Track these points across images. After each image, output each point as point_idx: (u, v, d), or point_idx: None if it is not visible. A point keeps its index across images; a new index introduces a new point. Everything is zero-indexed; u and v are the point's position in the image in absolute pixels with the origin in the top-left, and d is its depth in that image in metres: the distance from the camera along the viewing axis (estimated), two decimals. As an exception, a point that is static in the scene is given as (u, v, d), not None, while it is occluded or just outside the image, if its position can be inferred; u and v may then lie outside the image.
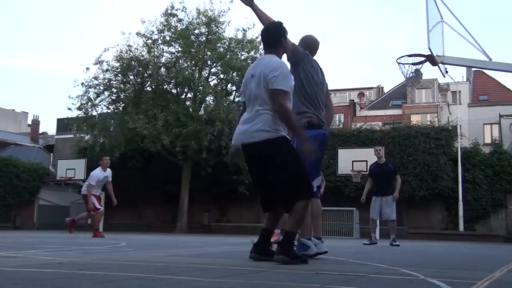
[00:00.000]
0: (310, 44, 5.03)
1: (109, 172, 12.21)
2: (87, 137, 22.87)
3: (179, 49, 21.12)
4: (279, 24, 4.16)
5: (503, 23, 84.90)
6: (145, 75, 21.24)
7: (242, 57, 21.32)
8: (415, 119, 34.28)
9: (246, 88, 4.08)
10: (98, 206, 12.00)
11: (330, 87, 5.63)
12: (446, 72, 8.73)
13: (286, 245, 3.84)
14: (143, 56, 21.26)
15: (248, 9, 4.54)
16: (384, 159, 10.54)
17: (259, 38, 21.34)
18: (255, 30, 21.54)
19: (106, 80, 21.26)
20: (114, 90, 21.64)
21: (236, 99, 22.05)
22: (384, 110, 39.70)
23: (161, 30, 21.14)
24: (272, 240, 8.62)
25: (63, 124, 32.74)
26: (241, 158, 4.12)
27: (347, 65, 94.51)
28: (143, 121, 18.84)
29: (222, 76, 21.93)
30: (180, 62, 21.28)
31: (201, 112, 20.78)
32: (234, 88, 22.09)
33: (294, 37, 4.59)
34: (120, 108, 21.63)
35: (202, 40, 21.05)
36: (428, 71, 59.21)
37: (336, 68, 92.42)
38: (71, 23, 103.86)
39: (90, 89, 21.19)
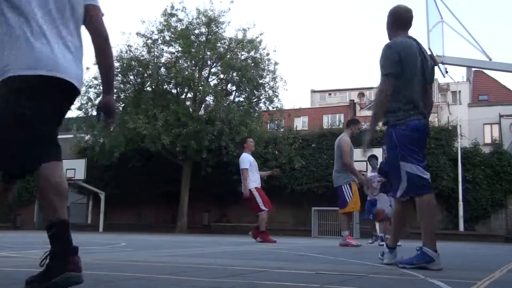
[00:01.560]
0: (404, 16, 4.25)
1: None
2: (87, 137, 22.88)
3: (179, 49, 21.11)
4: None
5: (503, 23, 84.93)
6: (145, 75, 21.24)
7: (242, 57, 21.33)
8: (415, 119, 34.22)
9: None
10: (263, 207, 9.43)
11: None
12: (446, 72, 8.75)
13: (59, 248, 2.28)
14: (143, 56, 21.26)
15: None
16: None
17: (259, 38, 21.43)
18: (255, 30, 21.52)
19: (106, 80, 21.24)
20: (114, 90, 21.62)
21: (236, 99, 22.04)
22: (384, 110, 39.65)
23: (161, 30, 21.14)
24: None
25: (63, 124, 32.74)
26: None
27: (347, 65, 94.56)
28: (143, 121, 18.84)
29: (222, 76, 21.93)
30: (180, 62, 21.28)
31: (201, 112, 20.77)
32: (234, 88, 22.10)
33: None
34: (120, 108, 21.62)
35: (202, 40, 21.04)
36: (428, 71, 59.14)
37: (336, 68, 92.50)
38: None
39: (90, 89, 21.20)
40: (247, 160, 9.51)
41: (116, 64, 21.11)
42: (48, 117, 2.44)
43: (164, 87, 21.55)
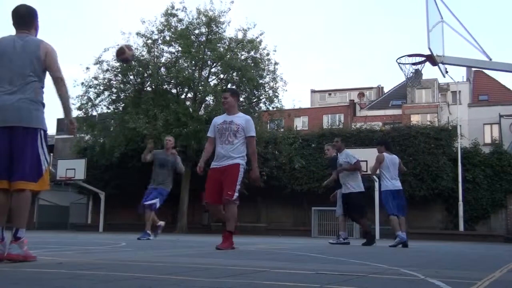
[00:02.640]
0: None
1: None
2: (87, 137, 22.87)
3: (179, 49, 21.11)
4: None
5: (503, 23, 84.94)
6: (145, 75, 21.23)
7: (242, 57, 21.33)
8: (415, 119, 34.29)
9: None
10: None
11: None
12: (446, 72, 8.74)
13: None
14: (143, 56, 21.25)
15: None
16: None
17: (259, 38, 21.42)
18: (255, 30, 21.46)
19: (106, 80, 21.26)
20: (114, 90, 21.64)
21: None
22: (384, 110, 39.69)
23: (161, 30, 21.14)
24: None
25: (63, 124, 32.74)
26: None
27: (347, 65, 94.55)
28: (143, 121, 18.84)
29: (222, 76, 21.94)
30: (180, 62, 21.27)
31: (201, 112, 20.76)
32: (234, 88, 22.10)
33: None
34: (120, 108, 21.63)
35: (202, 40, 21.04)
36: (428, 71, 59.24)
37: (336, 68, 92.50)
38: (71, 23, 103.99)
39: (90, 89, 21.19)
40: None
41: (116, 64, 21.12)
42: None
43: (164, 87, 21.55)
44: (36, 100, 3.74)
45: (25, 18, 3.92)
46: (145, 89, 21.48)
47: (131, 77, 21.57)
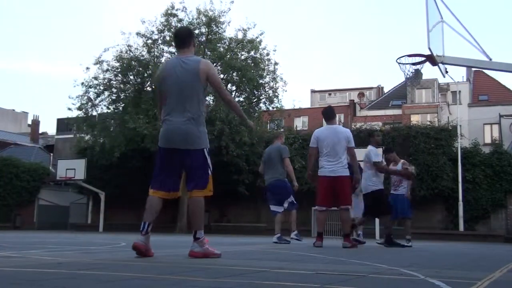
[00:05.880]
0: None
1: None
2: (87, 137, 22.87)
3: (179, 49, 21.13)
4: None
5: (503, 23, 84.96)
6: (145, 75, 21.23)
7: (242, 57, 21.34)
8: (415, 119, 34.29)
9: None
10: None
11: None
12: (446, 72, 8.74)
13: None
14: (143, 56, 21.26)
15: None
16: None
17: (259, 38, 21.44)
18: (255, 30, 21.48)
19: (106, 80, 21.27)
20: (114, 90, 21.66)
21: (236, 99, 22.03)
22: (384, 110, 39.69)
23: (161, 30, 21.15)
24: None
25: (63, 124, 32.75)
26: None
27: (347, 65, 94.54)
28: (143, 121, 18.83)
29: (222, 76, 21.93)
30: (180, 62, 21.28)
31: (201, 112, 20.79)
32: (234, 88, 22.09)
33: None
34: (120, 108, 21.63)
35: (202, 40, 21.04)
36: (428, 71, 59.27)
37: (336, 68, 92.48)
38: (71, 24, 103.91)
39: (90, 89, 21.21)
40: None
41: (116, 64, 21.14)
42: None
43: (164, 87, 21.57)
44: (199, 121, 4.24)
45: (183, 40, 4.40)
46: (145, 89, 21.48)
47: (131, 77, 21.58)
